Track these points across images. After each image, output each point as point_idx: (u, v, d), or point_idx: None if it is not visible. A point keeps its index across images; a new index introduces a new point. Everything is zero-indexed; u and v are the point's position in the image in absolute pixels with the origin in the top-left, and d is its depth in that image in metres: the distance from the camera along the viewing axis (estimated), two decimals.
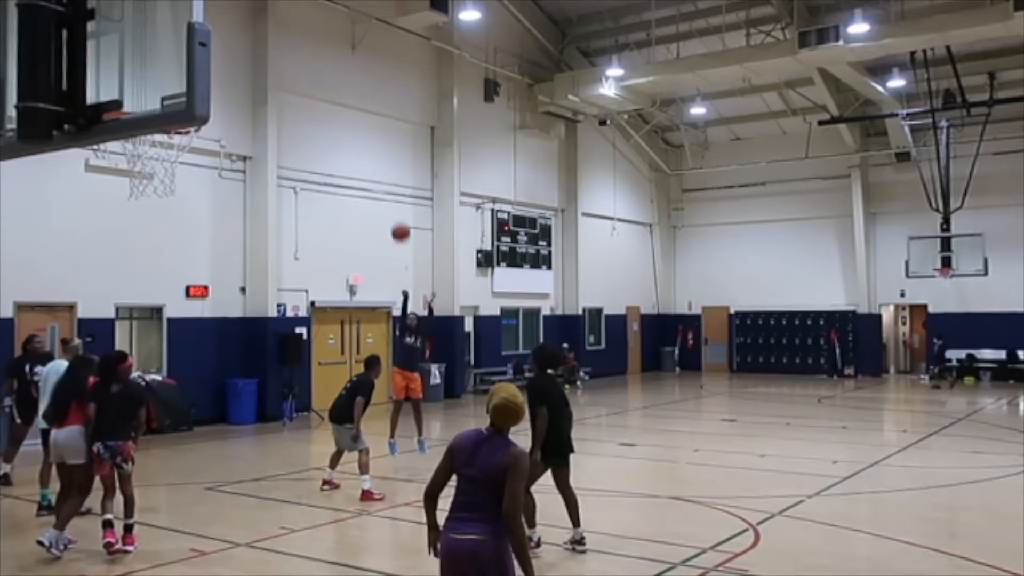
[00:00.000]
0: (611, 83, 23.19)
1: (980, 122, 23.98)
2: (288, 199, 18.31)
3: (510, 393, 4.27)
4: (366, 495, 10.00)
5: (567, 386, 24.94)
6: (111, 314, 15.52)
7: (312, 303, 18.76)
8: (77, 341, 10.29)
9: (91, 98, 3.59)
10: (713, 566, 7.30)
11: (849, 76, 23.06)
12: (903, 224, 26.57)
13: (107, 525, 7.73)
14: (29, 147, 3.76)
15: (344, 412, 10.38)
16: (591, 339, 27.88)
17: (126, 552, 7.73)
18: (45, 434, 8.82)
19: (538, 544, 7.60)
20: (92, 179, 14.61)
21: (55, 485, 8.60)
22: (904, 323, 29.48)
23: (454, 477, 4.30)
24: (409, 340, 12.28)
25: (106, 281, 15.32)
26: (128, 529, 7.90)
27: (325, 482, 10.58)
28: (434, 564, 4.30)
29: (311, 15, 18.59)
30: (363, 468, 10.18)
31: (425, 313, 13.68)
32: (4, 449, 11.00)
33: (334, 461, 10.62)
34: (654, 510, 9.90)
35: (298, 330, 18.18)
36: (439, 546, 4.21)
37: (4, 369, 10.75)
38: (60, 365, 8.97)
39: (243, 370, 17.27)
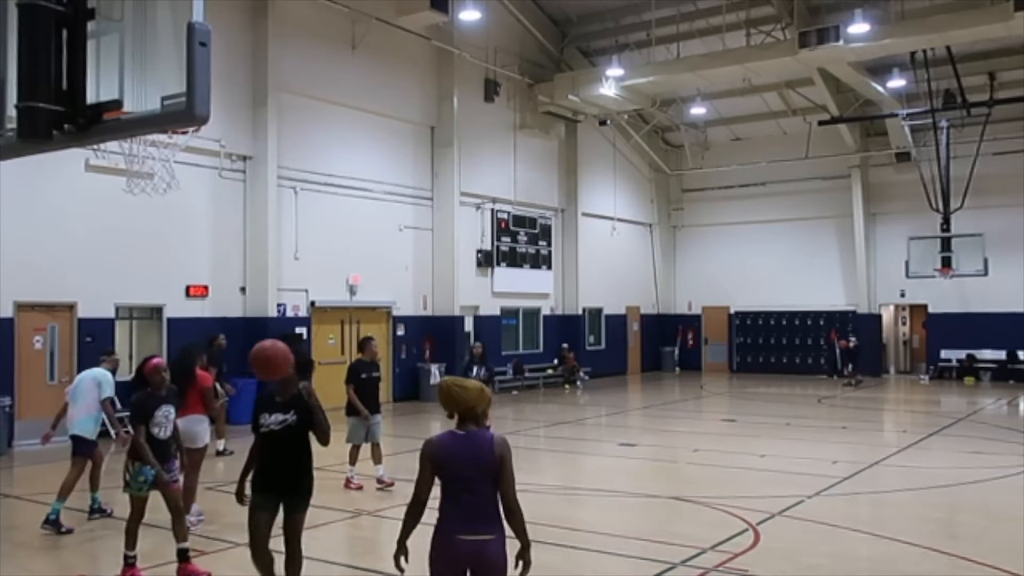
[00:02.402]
0: (611, 83, 23.19)
1: (980, 122, 23.98)
2: (288, 199, 18.32)
3: (453, 378, 4.39)
4: (348, 482, 10.58)
5: (566, 386, 24.95)
6: (111, 314, 15.52)
7: (312, 303, 18.76)
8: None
9: (91, 98, 3.58)
10: (713, 566, 7.30)
11: (849, 76, 23.06)
12: (903, 224, 26.57)
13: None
14: (29, 147, 3.75)
15: (347, 404, 10.75)
16: (591, 339, 27.88)
17: None
18: (77, 441, 8.97)
19: None
20: (92, 179, 14.61)
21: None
22: (904, 323, 29.49)
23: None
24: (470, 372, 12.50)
25: (106, 281, 15.33)
26: (181, 555, 7.06)
27: (378, 480, 10.67)
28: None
29: (311, 15, 18.59)
30: (352, 459, 10.68)
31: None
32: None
33: (375, 456, 10.82)
34: (654, 510, 9.90)
35: (298, 330, 18.18)
36: (441, 550, 4.18)
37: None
38: (92, 373, 9.32)
39: (243, 370, 17.25)
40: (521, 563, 4.22)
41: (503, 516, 4.23)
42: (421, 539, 4.30)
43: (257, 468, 5.86)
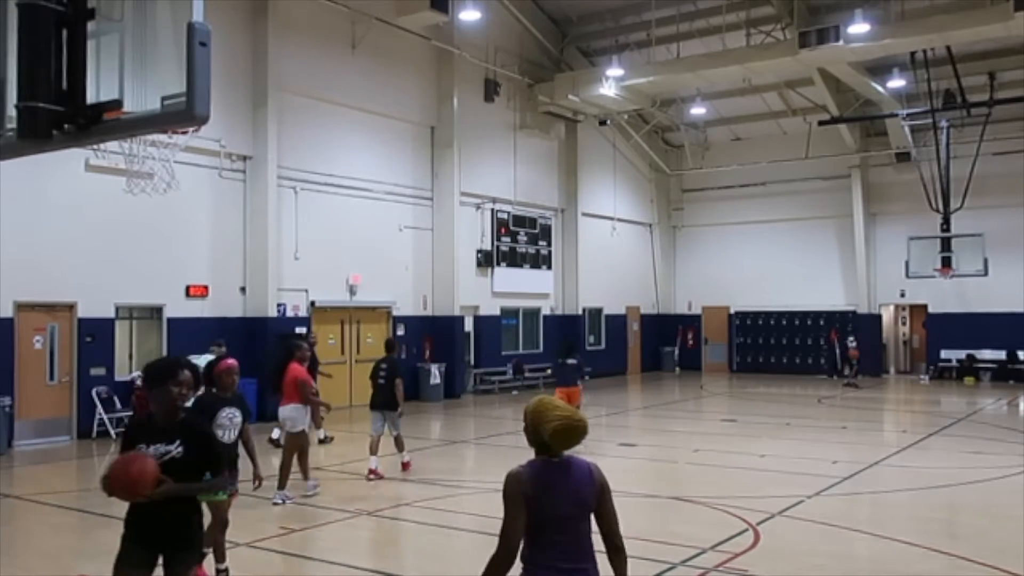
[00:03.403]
0: (611, 83, 23.19)
1: (980, 122, 23.98)
2: (288, 199, 18.32)
3: (568, 410, 3.58)
4: (407, 466, 11.52)
5: None
6: (111, 314, 15.52)
7: (312, 303, 18.76)
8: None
9: (91, 98, 3.58)
10: (713, 566, 7.30)
11: (849, 76, 23.06)
12: (903, 224, 26.57)
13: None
14: (29, 147, 3.74)
15: (389, 398, 11.31)
16: (591, 339, 27.88)
17: None
18: None
19: None
20: (92, 179, 14.61)
21: None
22: (904, 323, 29.49)
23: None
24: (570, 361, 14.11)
25: (106, 281, 15.32)
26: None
27: (371, 472, 11.19)
28: (434, 564, 4.27)
29: (311, 15, 18.60)
30: (402, 445, 11.59)
31: None
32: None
33: (374, 448, 11.31)
34: (654, 510, 9.90)
35: (298, 330, 18.17)
36: None
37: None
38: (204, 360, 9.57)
39: (243, 370, 17.19)
40: None
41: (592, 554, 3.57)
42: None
43: (129, 513, 4.58)
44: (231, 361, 7.13)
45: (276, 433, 13.30)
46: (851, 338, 26.30)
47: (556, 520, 3.44)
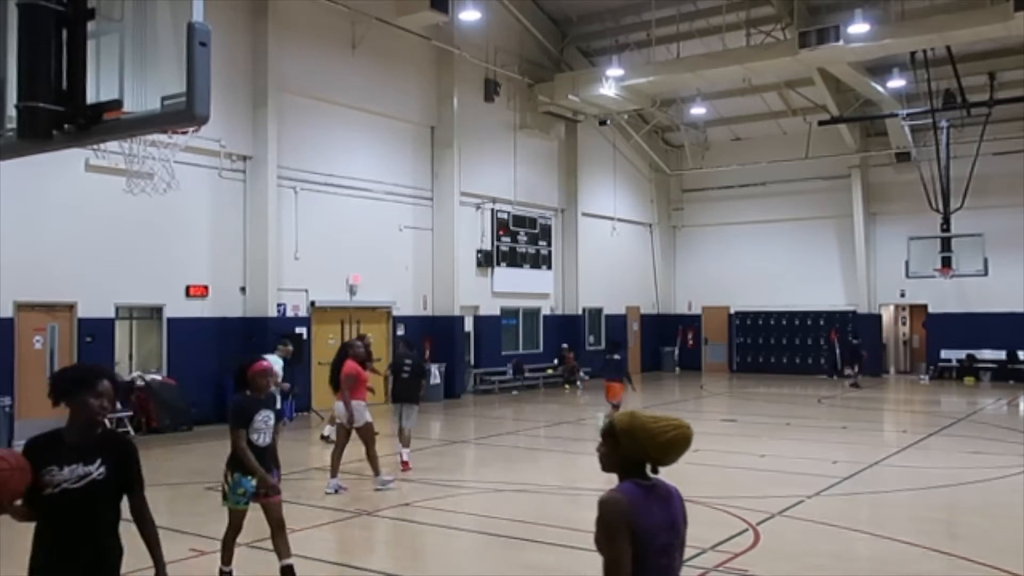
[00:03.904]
0: (611, 83, 23.19)
1: (980, 122, 23.99)
2: (288, 199, 18.32)
3: (672, 418, 3.25)
4: (406, 465, 11.65)
5: (567, 386, 24.95)
6: (111, 314, 15.53)
7: (312, 303, 18.77)
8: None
9: (91, 98, 3.58)
10: (713, 566, 7.30)
11: (849, 76, 23.06)
12: (903, 224, 26.57)
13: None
14: (29, 147, 3.74)
15: (411, 391, 11.78)
16: (591, 339, 27.87)
17: None
18: None
19: None
20: (92, 179, 14.62)
21: None
22: (904, 323, 29.49)
23: None
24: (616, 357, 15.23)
25: (106, 281, 15.33)
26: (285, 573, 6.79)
27: (404, 464, 11.75)
28: (434, 564, 4.26)
29: (311, 15, 18.60)
30: (408, 443, 11.82)
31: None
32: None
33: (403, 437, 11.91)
34: None
35: (298, 330, 18.18)
36: None
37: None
38: (269, 359, 9.72)
39: None
40: None
41: None
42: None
43: (41, 554, 3.99)
44: (265, 363, 6.93)
45: (327, 430, 13.87)
46: (858, 339, 26.25)
47: (654, 551, 3.06)
